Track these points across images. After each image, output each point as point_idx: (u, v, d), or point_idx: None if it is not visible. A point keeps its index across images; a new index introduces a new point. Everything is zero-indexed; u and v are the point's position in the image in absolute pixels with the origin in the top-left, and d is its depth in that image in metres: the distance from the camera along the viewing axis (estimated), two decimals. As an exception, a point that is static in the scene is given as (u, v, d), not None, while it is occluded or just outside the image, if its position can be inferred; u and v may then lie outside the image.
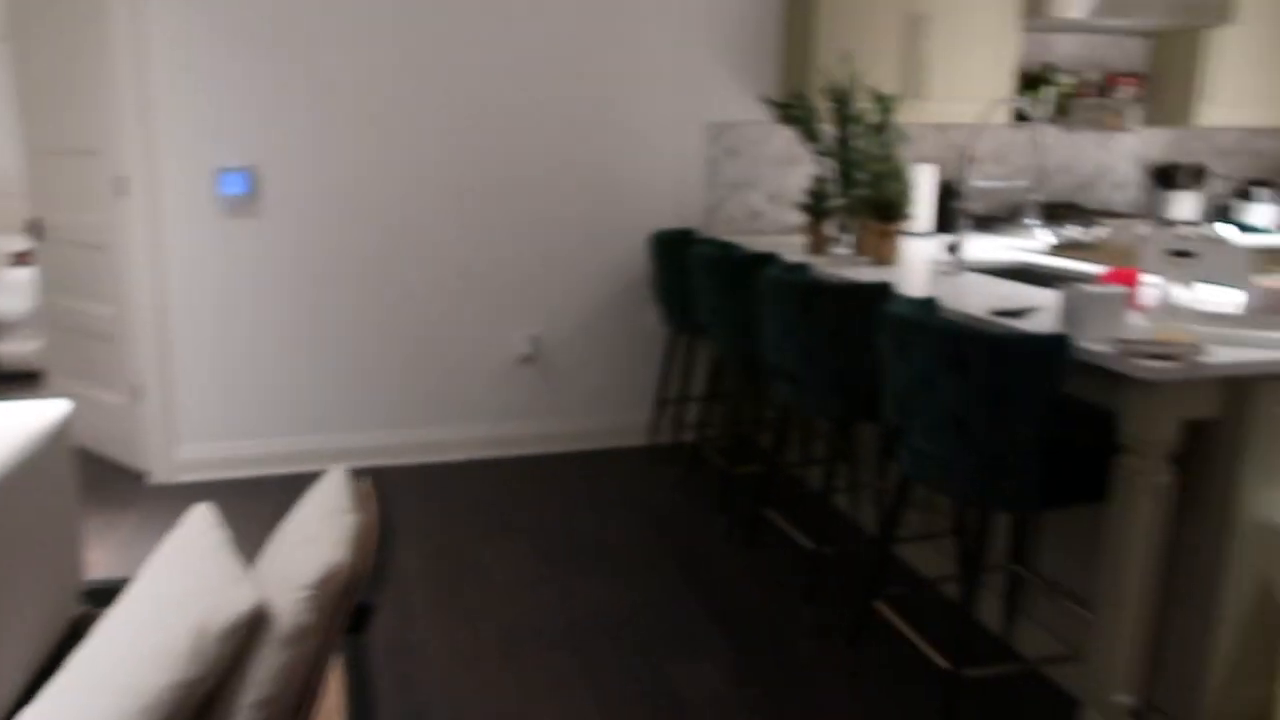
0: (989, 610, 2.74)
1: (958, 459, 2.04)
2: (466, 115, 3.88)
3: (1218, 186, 4.69)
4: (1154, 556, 1.99)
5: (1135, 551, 1.97)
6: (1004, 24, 3.97)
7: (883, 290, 2.52)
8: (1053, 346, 1.89)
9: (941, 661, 2.44)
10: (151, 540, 3.38)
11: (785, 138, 4.21)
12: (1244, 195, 4.39)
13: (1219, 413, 1.96)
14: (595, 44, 3.95)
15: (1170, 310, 1.95)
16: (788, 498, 3.74)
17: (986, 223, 4.23)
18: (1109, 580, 2.03)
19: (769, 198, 4.24)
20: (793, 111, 3.59)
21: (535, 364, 4.15)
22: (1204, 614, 2.07)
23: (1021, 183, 3.84)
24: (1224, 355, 1.91)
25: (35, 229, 4.21)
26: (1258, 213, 4.32)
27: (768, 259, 3.13)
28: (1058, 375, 1.90)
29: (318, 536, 1.35)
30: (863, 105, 3.55)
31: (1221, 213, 4.60)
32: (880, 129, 3.19)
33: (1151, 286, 1.95)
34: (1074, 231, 3.92)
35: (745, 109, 4.15)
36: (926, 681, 2.50)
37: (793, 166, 4.24)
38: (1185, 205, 4.39)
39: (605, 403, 4.26)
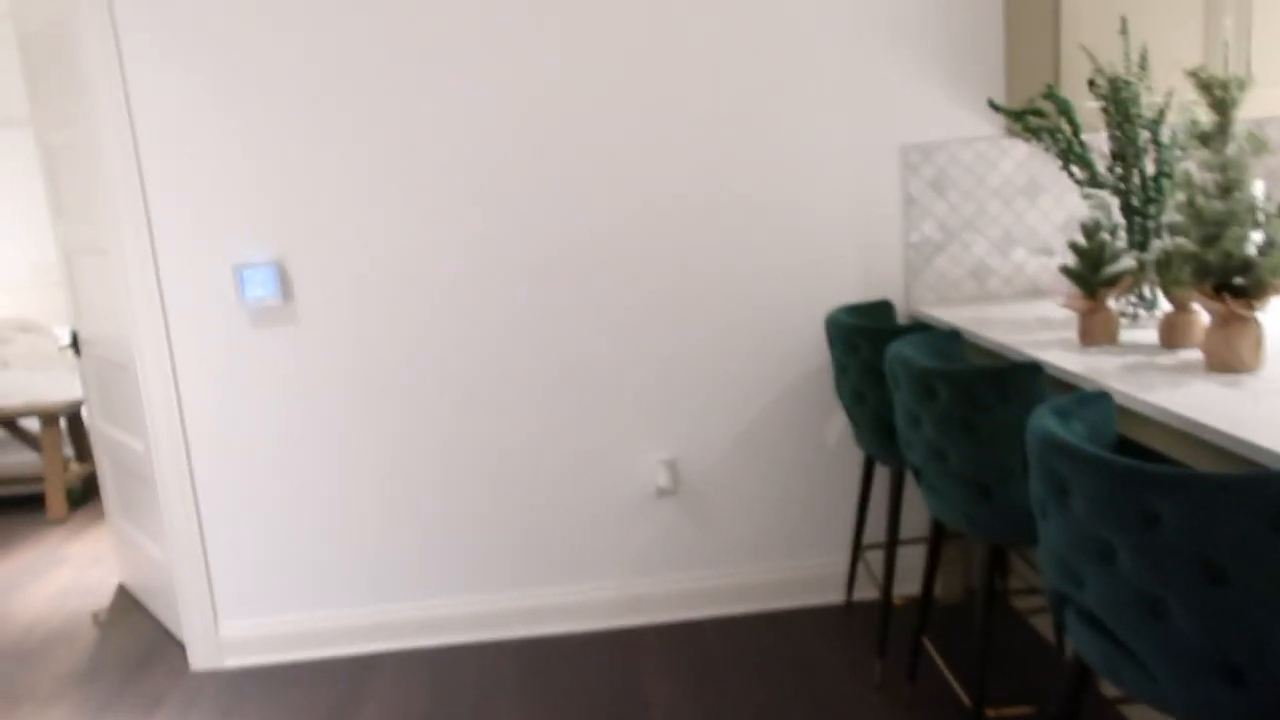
0: None
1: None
2: (560, 168, 2.81)
3: None
4: None
5: None
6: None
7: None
8: None
9: None
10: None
11: (1020, 157, 2.88)
12: None
13: None
14: (737, 53, 2.78)
15: None
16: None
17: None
18: None
19: (1000, 245, 2.91)
20: (1038, 122, 2.29)
21: (675, 499, 3.01)
22: None
23: None
24: None
25: (75, 343, 3.49)
26: None
27: (1024, 373, 1.84)
28: None
29: None
30: (1153, 101, 2.21)
31: None
32: (1212, 137, 1.84)
33: None
34: None
35: (956, 121, 2.86)
36: None
37: (1035, 197, 2.90)
38: None
39: (776, 547, 3.05)
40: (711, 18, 2.75)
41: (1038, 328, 2.39)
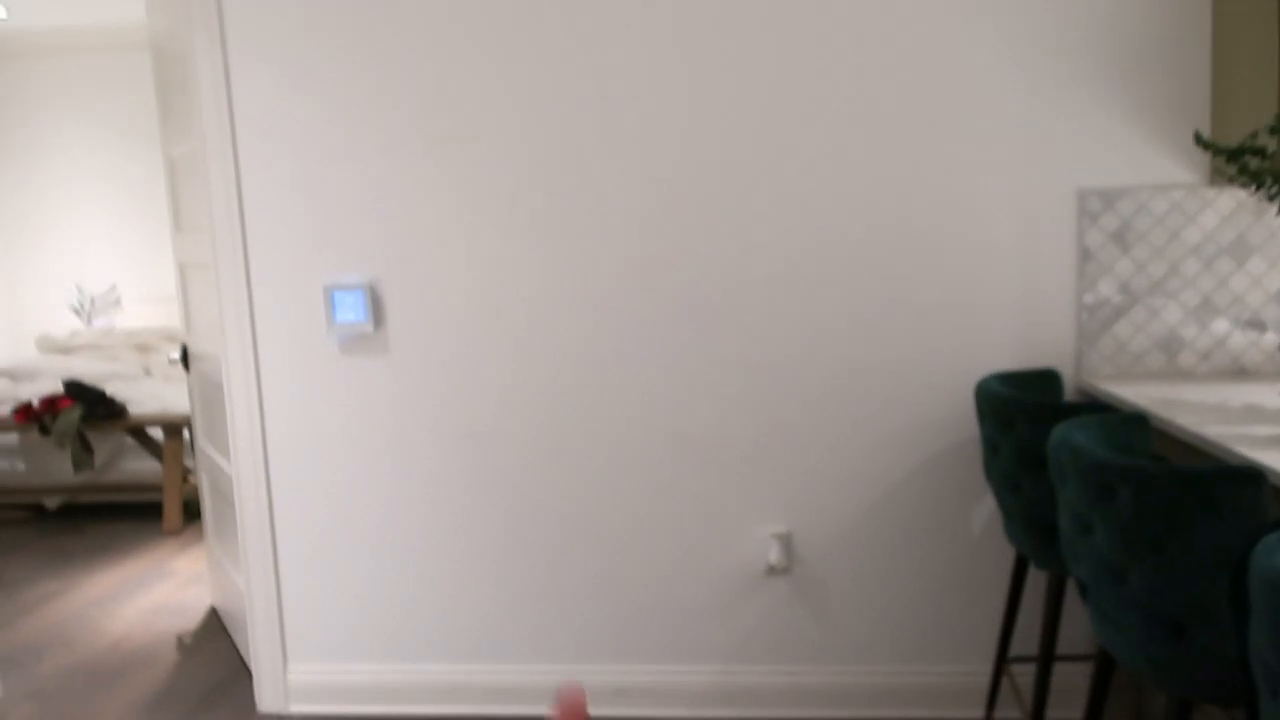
0: None
1: None
2: (682, 210, 2.52)
3: None
4: None
5: None
6: None
7: None
8: None
9: None
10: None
11: (1225, 209, 2.41)
12: None
13: None
14: (886, 84, 2.44)
15: None
16: None
17: None
18: None
19: (1196, 314, 2.44)
20: (1259, 164, 1.85)
21: (788, 579, 2.64)
22: None
23: None
24: None
25: (184, 357, 3.44)
26: None
27: (1240, 481, 1.41)
28: None
29: None
30: None
31: None
32: None
33: None
34: None
35: (1147, 163, 2.42)
36: None
37: (1244, 259, 2.42)
38: None
39: (905, 646, 2.63)
40: (858, 40, 2.42)
41: (1247, 418, 1.92)
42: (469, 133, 2.54)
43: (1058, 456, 1.66)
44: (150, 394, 5.14)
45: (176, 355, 3.45)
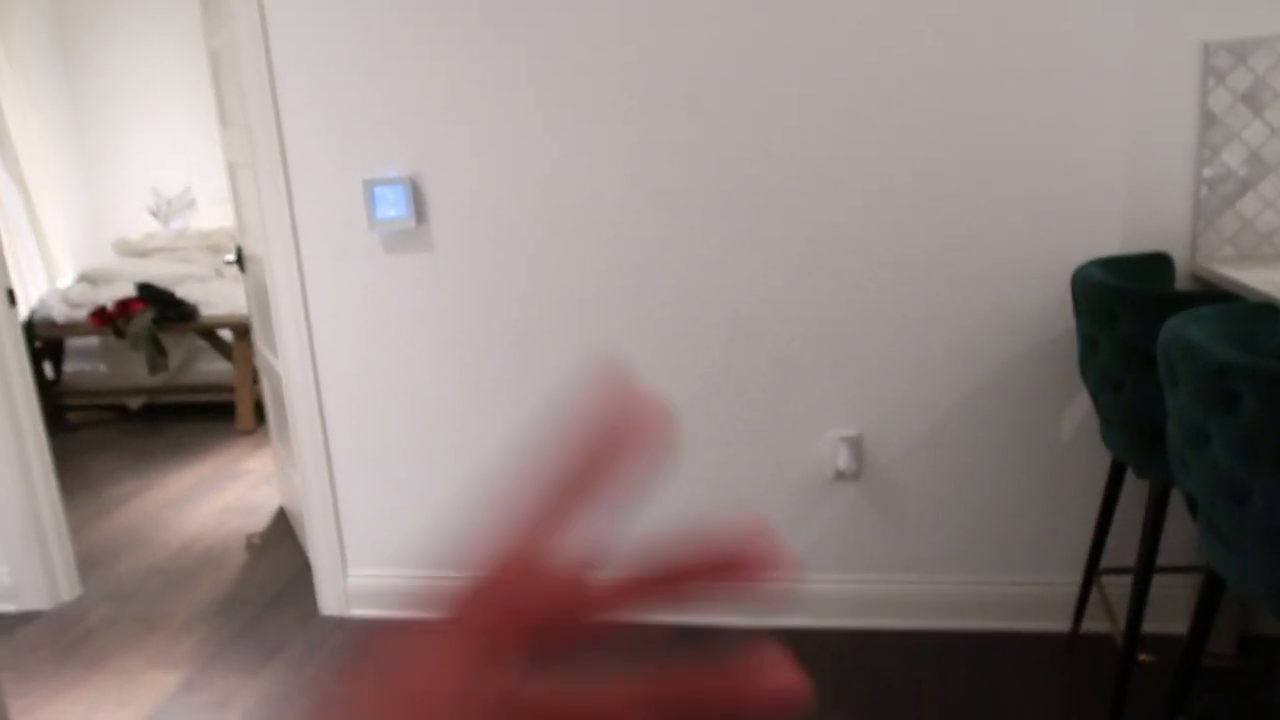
0: None
1: None
2: (745, 78, 2.27)
3: None
4: None
5: None
6: None
7: None
8: None
9: None
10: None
11: (1387, 62, 2.05)
12: None
13: None
14: (975, -85, 2.11)
15: None
16: None
17: None
18: None
19: (1339, 186, 2.11)
20: None
21: (857, 485, 2.47)
22: None
23: None
24: None
25: (239, 259, 3.36)
26: None
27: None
28: None
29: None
30: None
31: None
32: None
33: None
34: None
35: (1294, 10, 2.06)
36: None
37: (1400, 120, 2.07)
38: None
39: (983, 555, 2.45)
40: None
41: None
42: (512, 17, 2.32)
43: (1169, 355, 1.43)
44: (221, 295, 5.13)
45: (232, 257, 3.37)
